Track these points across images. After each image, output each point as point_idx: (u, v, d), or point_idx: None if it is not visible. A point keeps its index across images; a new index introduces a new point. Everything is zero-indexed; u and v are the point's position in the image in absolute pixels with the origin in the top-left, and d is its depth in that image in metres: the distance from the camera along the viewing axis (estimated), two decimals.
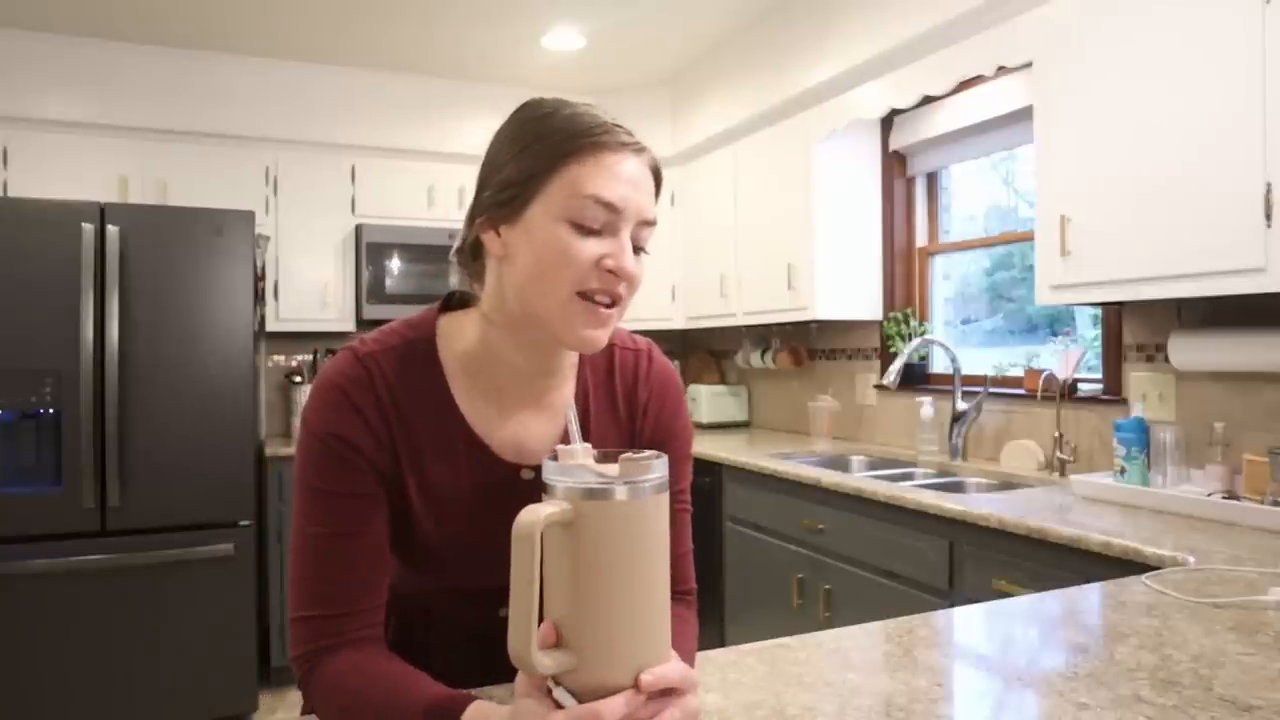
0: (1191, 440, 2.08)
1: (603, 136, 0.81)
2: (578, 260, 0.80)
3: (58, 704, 2.84)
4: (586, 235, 0.80)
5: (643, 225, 0.83)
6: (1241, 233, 1.71)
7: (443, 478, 0.90)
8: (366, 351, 0.88)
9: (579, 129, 0.82)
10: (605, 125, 0.82)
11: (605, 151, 0.81)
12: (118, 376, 2.90)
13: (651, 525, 0.68)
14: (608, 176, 0.80)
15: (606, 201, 0.80)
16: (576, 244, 0.80)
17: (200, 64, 3.69)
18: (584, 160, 0.81)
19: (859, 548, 2.36)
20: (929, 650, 1.06)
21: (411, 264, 3.86)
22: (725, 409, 4.10)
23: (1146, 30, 1.91)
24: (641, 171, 0.83)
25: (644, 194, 0.83)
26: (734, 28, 3.57)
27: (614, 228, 0.81)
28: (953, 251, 3.17)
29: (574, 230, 0.80)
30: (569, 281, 0.80)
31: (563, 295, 0.81)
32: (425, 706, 0.74)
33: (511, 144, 0.84)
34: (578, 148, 0.81)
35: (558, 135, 0.82)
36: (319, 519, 0.84)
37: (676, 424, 1.01)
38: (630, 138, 0.83)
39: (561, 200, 0.80)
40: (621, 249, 0.81)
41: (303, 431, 0.87)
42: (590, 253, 0.80)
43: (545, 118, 0.84)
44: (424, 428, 0.89)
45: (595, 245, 0.80)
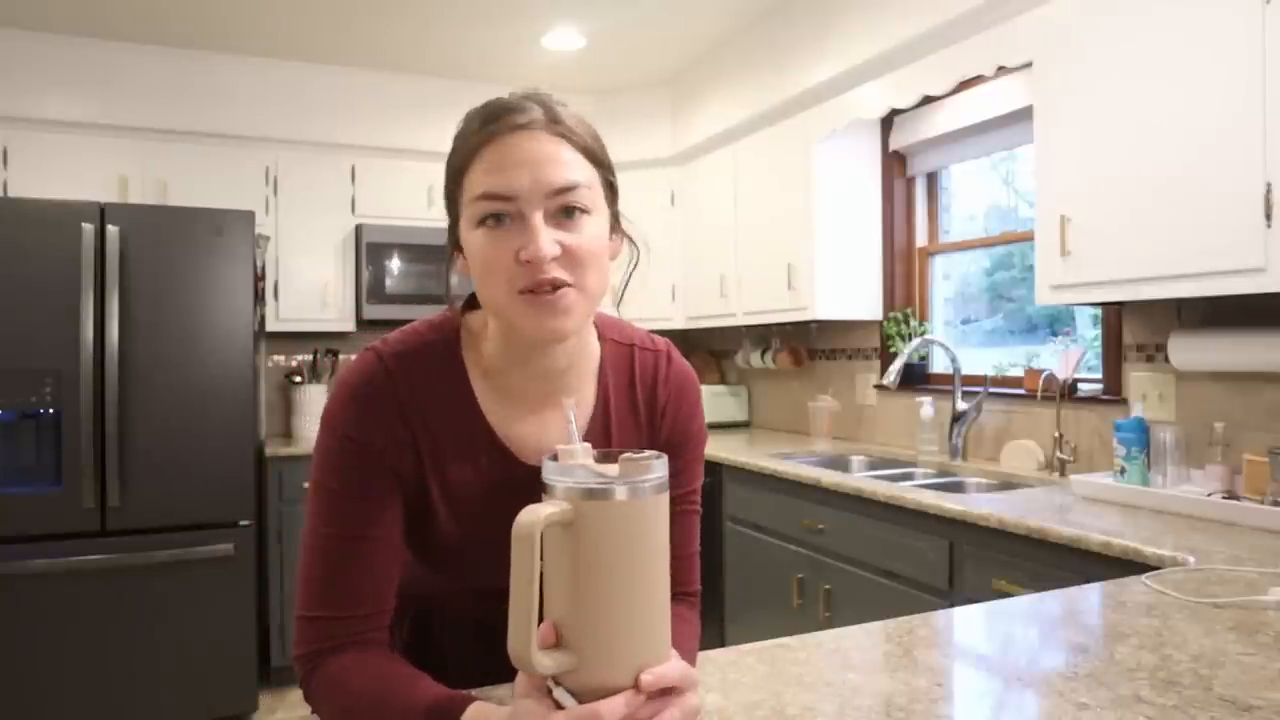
0: (1191, 440, 2.08)
1: (490, 127, 0.81)
2: (496, 262, 0.79)
3: (58, 704, 2.84)
4: (500, 233, 0.79)
5: (557, 194, 0.79)
6: (1241, 233, 1.71)
7: (464, 478, 0.89)
8: (390, 353, 0.87)
9: (468, 135, 0.82)
10: (496, 112, 0.82)
11: (486, 145, 0.81)
12: (118, 376, 2.90)
13: (651, 525, 0.68)
14: (491, 168, 0.80)
15: (492, 194, 0.79)
16: (489, 247, 0.80)
17: (200, 64, 3.69)
18: (477, 161, 0.81)
19: (859, 548, 2.36)
20: (929, 650, 1.06)
21: (411, 264, 3.86)
22: (725, 409, 4.10)
23: (1146, 30, 1.91)
24: (537, 144, 0.80)
25: (544, 165, 0.79)
26: (734, 28, 3.57)
27: (518, 215, 0.79)
28: (953, 251, 3.17)
29: (486, 233, 0.80)
30: (502, 284, 0.80)
31: (503, 295, 0.80)
32: (425, 707, 0.74)
33: (445, 166, 0.87)
34: (468, 151, 0.82)
35: (457, 149, 0.84)
36: (333, 520, 0.84)
37: (693, 425, 1.00)
38: (524, 114, 0.81)
39: (468, 209, 0.81)
40: (531, 236, 0.77)
41: (323, 432, 0.86)
42: (505, 249, 0.79)
43: (458, 130, 0.85)
44: (446, 429, 0.88)
45: (509, 240, 0.79)
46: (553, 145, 0.81)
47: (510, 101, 0.83)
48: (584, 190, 0.81)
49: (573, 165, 0.81)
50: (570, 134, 0.82)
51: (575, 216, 0.81)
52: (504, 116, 0.81)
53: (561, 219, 0.80)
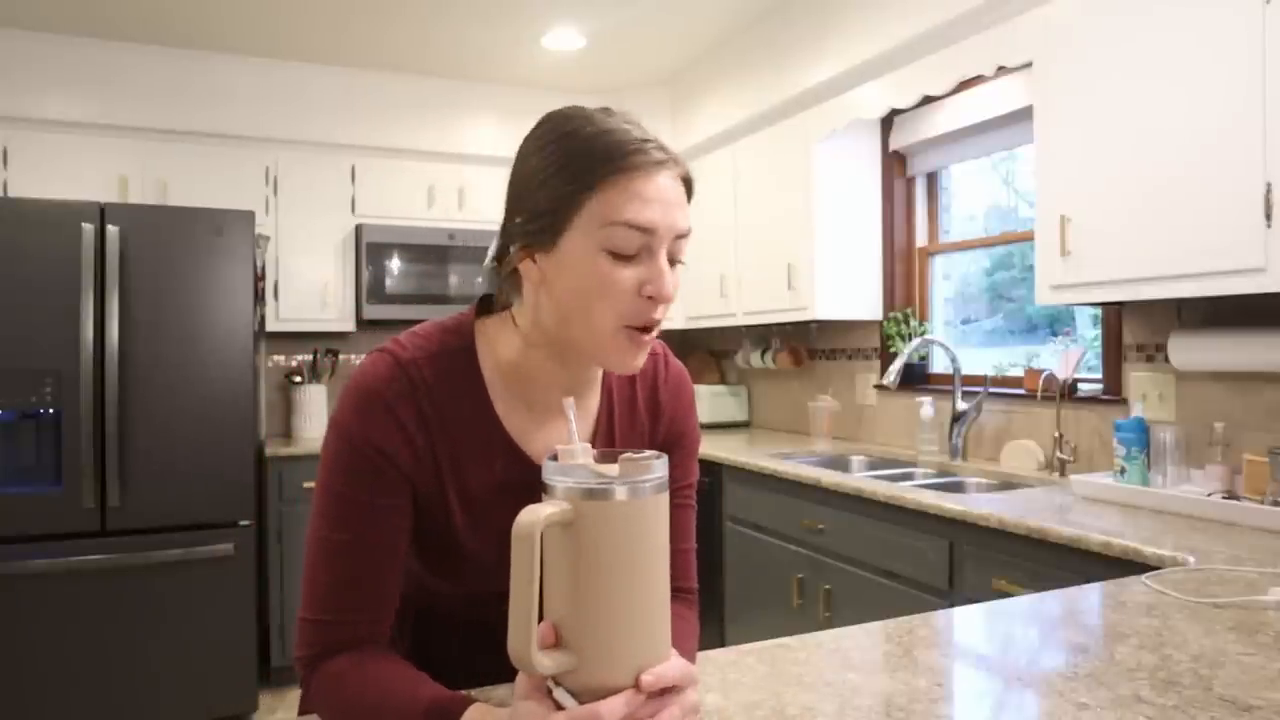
0: (1191, 440, 2.08)
1: (631, 158, 0.79)
2: (618, 290, 0.79)
3: (58, 704, 2.84)
4: (623, 262, 0.79)
5: (678, 239, 0.82)
6: (1241, 233, 1.71)
7: (479, 483, 0.89)
8: (409, 358, 0.86)
9: (605, 152, 0.79)
10: (633, 143, 0.80)
11: (635, 174, 0.79)
12: (118, 376, 2.90)
13: (651, 525, 0.68)
14: (639, 201, 0.78)
15: (640, 226, 0.78)
16: (615, 274, 0.79)
17: (200, 64, 3.69)
18: (613, 186, 0.78)
19: (859, 548, 2.36)
20: (929, 650, 1.06)
21: (411, 264, 3.86)
22: (725, 409, 4.10)
23: (1147, 30, 1.91)
24: (673, 186, 0.81)
25: (676, 208, 0.81)
26: (734, 28, 3.57)
27: (650, 250, 0.79)
28: (953, 251, 3.17)
29: (611, 259, 0.79)
30: (612, 313, 0.80)
31: (606, 326, 0.80)
32: (424, 707, 0.74)
33: (539, 168, 0.82)
34: (606, 174, 0.78)
35: (586, 160, 0.79)
36: (340, 524, 0.84)
37: (688, 423, 1.03)
38: (661, 153, 0.81)
39: (595, 229, 0.78)
40: (660, 273, 0.79)
41: (335, 436, 0.85)
42: (629, 281, 0.79)
43: (570, 138, 0.81)
44: (462, 434, 0.88)
45: (633, 273, 0.79)
46: (680, 189, 0.83)
47: (646, 134, 0.82)
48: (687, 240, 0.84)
49: (688, 214, 0.84)
50: (687, 180, 0.84)
51: (678, 262, 0.83)
52: (649, 150, 0.80)
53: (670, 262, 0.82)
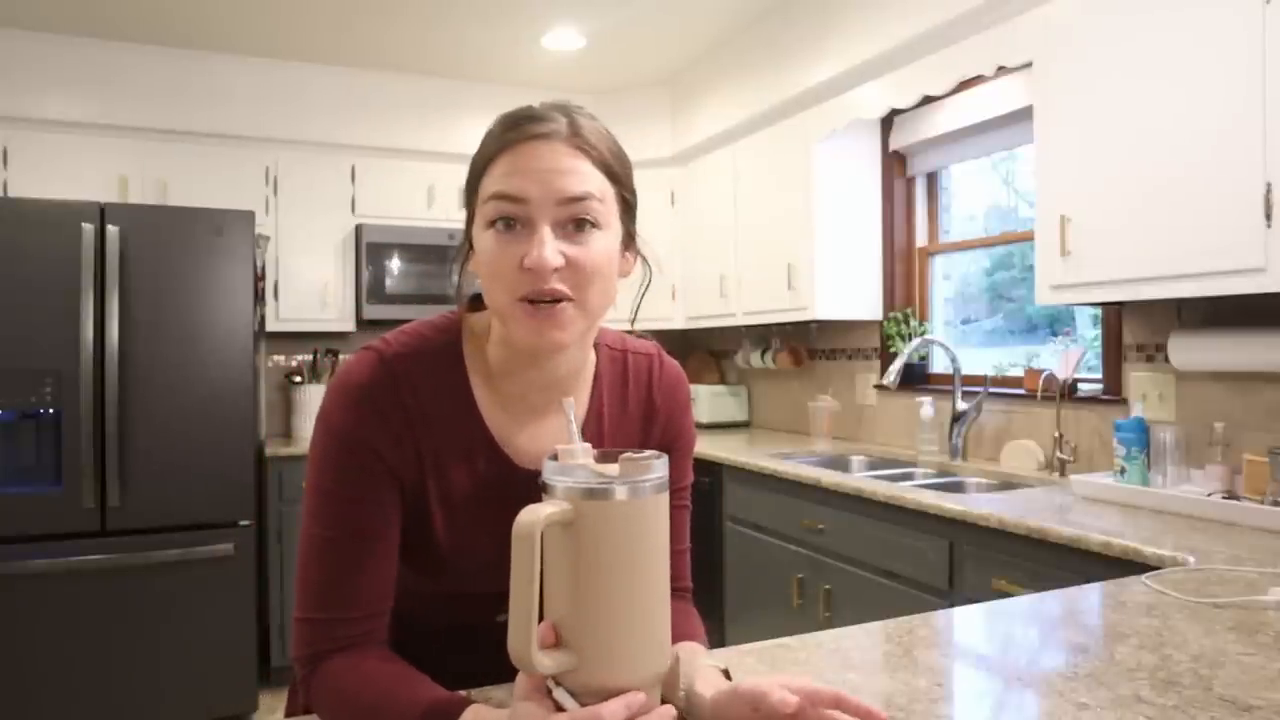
0: (1191, 440, 2.08)
1: (511, 133, 0.81)
2: (501, 265, 0.79)
3: (58, 704, 2.84)
4: (508, 238, 0.79)
5: (566, 203, 0.79)
6: (1241, 233, 1.71)
7: (462, 482, 0.89)
8: (392, 354, 0.87)
9: (491, 140, 0.83)
10: (512, 123, 0.82)
11: (511, 148, 0.81)
12: (118, 376, 2.90)
13: (651, 525, 0.68)
14: (508, 171, 0.80)
15: (505, 195, 0.79)
16: (496, 249, 0.80)
17: (200, 64, 3.69)
18: (495, 164, 0.81)
19: (859, 548, 2.36)
20: (929, 650, 1.06)
21: (411, 264, 3.86)
22: (725, 409, 4.10)
23: (1147, 30, 1.91)
24: (555, 154, 0.80)
25: (559, 174, 0.79)
26: (733, 28, 3.57)
27: (528, 221, 0.79)
28: (953, 251, 3.17)
29: (494, 236, 0.80)
30: (505, 289, 0.80)
31: (504, 301, 0.80)
32: (423, 708, 0.74)
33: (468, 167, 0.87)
34: (490, 155, 0.82)
35: (479, 153, 0.84)
36: (331, 522, 0.84)
37: (684, 424, 1.02)
38: (547, 125, 0.81)
39: (481, 210, 0.82)
40: (537, 243, 0.77)
41: (321, 433, 0.86)
42: (511, 255, 0.79)
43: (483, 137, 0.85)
44: (445, 431, 0.88)
45: (516, 246, 0.79)
46: (570, 158, 0.81)
47: (536, 110, 0.83)
48: (594, 203, 0.81)
49: (587, 178, 0.81)
50: (589, 148, 0.82)
51: (585, 230, 0.80)
52: (526, 124, 0.81)
53: (570, 231, 0.80)
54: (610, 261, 0.84)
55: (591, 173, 0.82)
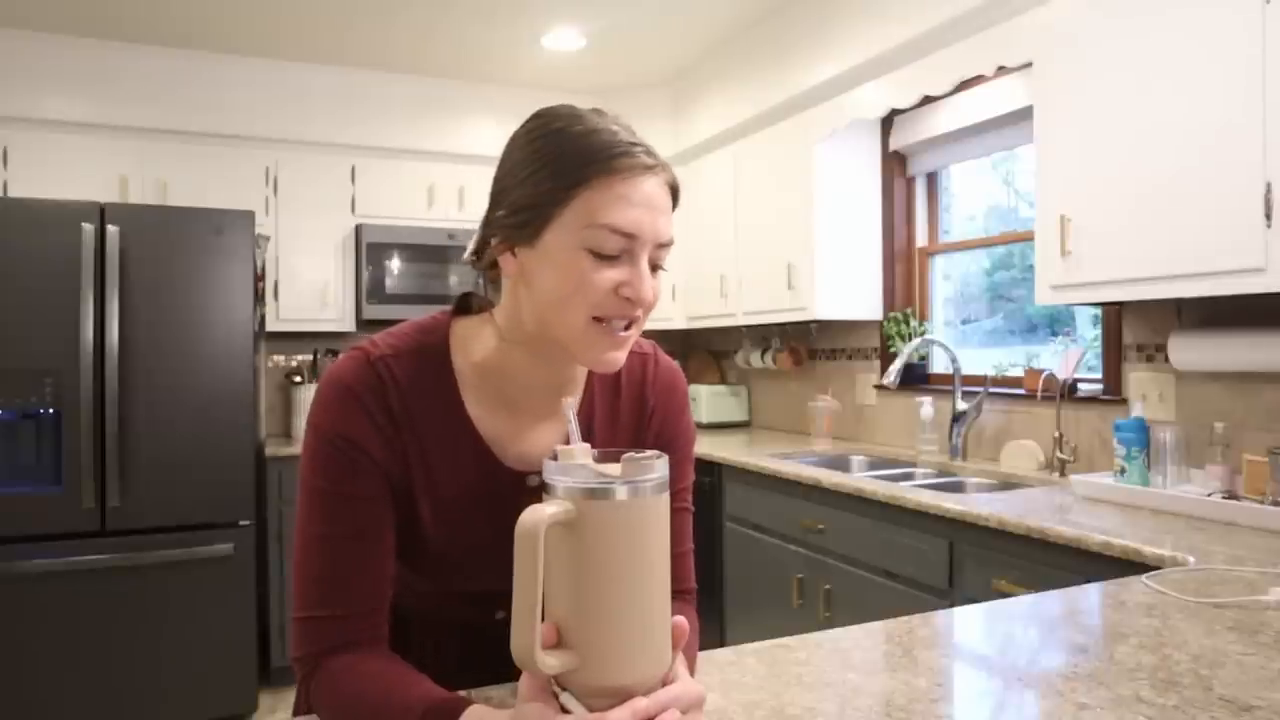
0: (1191, 440, 2.08)
1: (619, 160, 0.79)
2: (596, 289, 0.79)
3: (58, 704, 2.84)
4: (603, 262, 0.79)
5: (660, 247, 0.82)
6: (1241, 233, 1.71)
7: (450, 483, 0.89)
8: (378, 355, 0.87)
9: (593, 152, 0.79)
10: (621, 146, 0.80)
11: (621, 176, 0.79)
12: (118, 376, 2.90)
13: (652, 525, 0.68)
14: (623, 204, 0.78)
15: (623, 231, 0.78)
16: (594, 273, 0.79)
17: (200, 64, 3.69)
18: (599, 186, 0.78)
19: (859, 548, 2.36)
20: (929, 650, 1.06)
21: (411, 264, 3.86)
22: (725, 409, 4.10)
23: (1146, 30, 1.91)
24: (659, 191, 0.81)
25: (661, 215, 0.81)
26: (734, 27, 3.57)
27: (631, 254, 0.80)
28: (953, 251, 3.17)
29: (591, 258, 0.79)
30: (587, 308, 0.80)
31: (580, 321, 0.80)
32: (424, 709, 0.74)
33: (525, 163, 0.82)
34: (593, 174, 0.78)
35: (572, 159, 0.79)
36: (324, 520, 0.84)
37: (681, 424, 1.01)
38: (649, 157, 0.81)
39: (578, 228, 0.79)
40: (639, 277, 0.80)
41: (310, 433, 0.86)
42: (608, 281, 0.79)
43: (558, 135, 0.81)
44: (433, 433, 0.88)
45: (612, 273, 0.79)
46: (666, 196, 0.83)
47: (635, 138, 0.82)
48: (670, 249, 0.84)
49: (671, 219, 0.84)
50: (673, 187, 0.84)
51: (659, 268, 0.84)
52: (637, 154, 0.80)
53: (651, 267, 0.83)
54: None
55: (671, 211, 0.84)
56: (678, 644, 0.71)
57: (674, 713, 0.67)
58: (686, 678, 0.71)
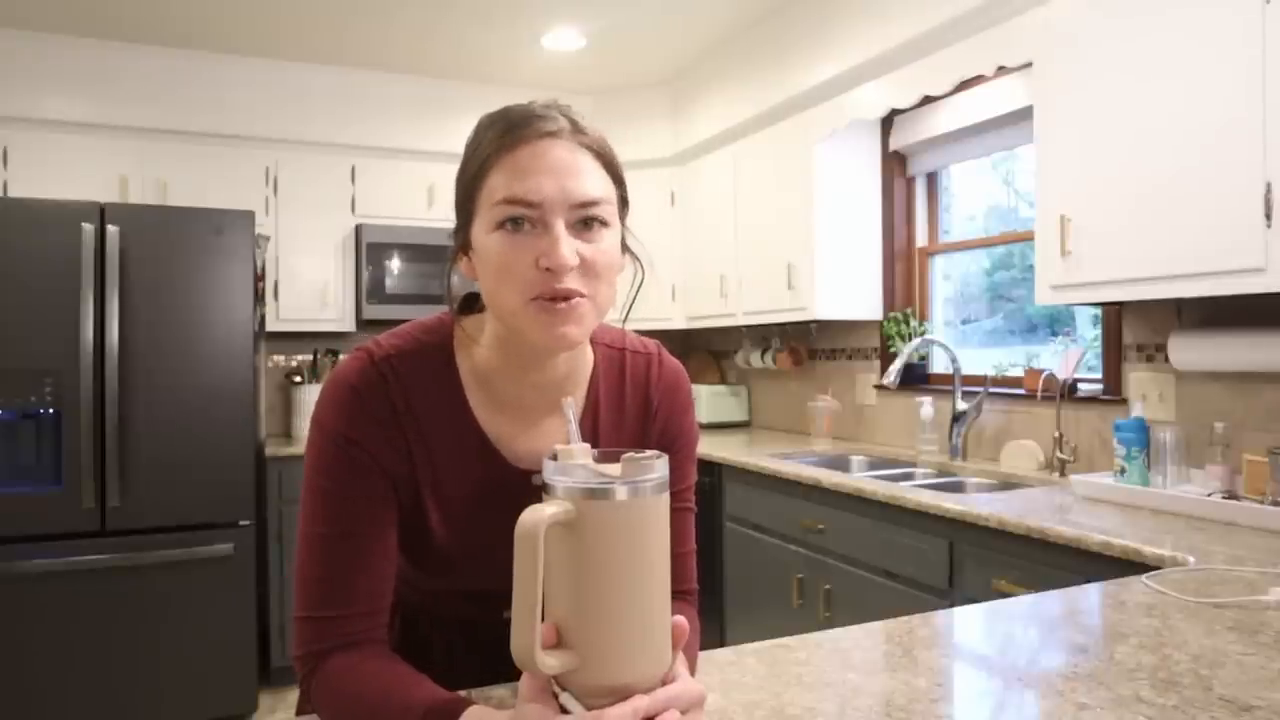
0: (1191, 440, 2.08)
1: (516, 133, 0.79)
2: (514, 267, 0.78)
3: (58, 704, 2.84)
4: (519, 238, 0.79)
5: (581, 207, 0.79)
6: (1241, 233, 1.71)
7: (455, 481, 0.89)
8: (382, 355, 0.87)
9: (494, 136, 0.81)
10: (522, 118, 0.80)
11: (518, 147, 0.79)
12: (118, 376, 2.90)
13: (652, 525, 0.68)
14: (519, 173, 0.78)
15: (518, 199, 0.78)
16: (509, 251, 0.79)
17: (200, 64, 3.69)
18: (499, 165, 0.79)
19: (859, 548, 2.36)
20: (929, 650, 1.06)
21: (412, 264, 3.86)
22: (725, 409, 4.10)
23: (1146, 30, 1.91)
24: (565, 154, 0.80)
25: (572, 176, 0.79)
26: (734, 27, 3.57)
27: (542, 222, 0.78)
28: (953, 251, 3.17)
29: (505, 236, 0.79)
30: (516, 290, 0.79)
31: (515, 302, 0.80)
32: (424, 709, 0.74)
33: (460, 166, 0.85)
34: (493, 154, 0.80)
35: (479, 149, 0.82)
36: (327, 520, 0.84)
37: (684, 424, 1.01)
38: (547, 124, 0.80)
39: (487, 212, 0.80)
40: (553, 243, 0.77)
41: (314, 432, 0.86)
42: (525, 255, 0.78)
43: (474, 134, 0.83)
44: (438, 432, 0.88)
45: (529, 246, 0.78)
46: (578, 156, 0.81)
47: (536, 109, 0.82)
48: (605, 204, 0.81)
49: (596, 178, 0.81)
50: (594, 147, 0.83)
51: (594, 228, 0.81)
52: (532, 123, 0.80)
53: (580, 230, 0.80)
54: (616, 259, 0.84)
55: (598, 172, 0.82)
56: (677, 644, 0.71)
57: (674, 712, 0.67)
58: (687, 677, 0.71)
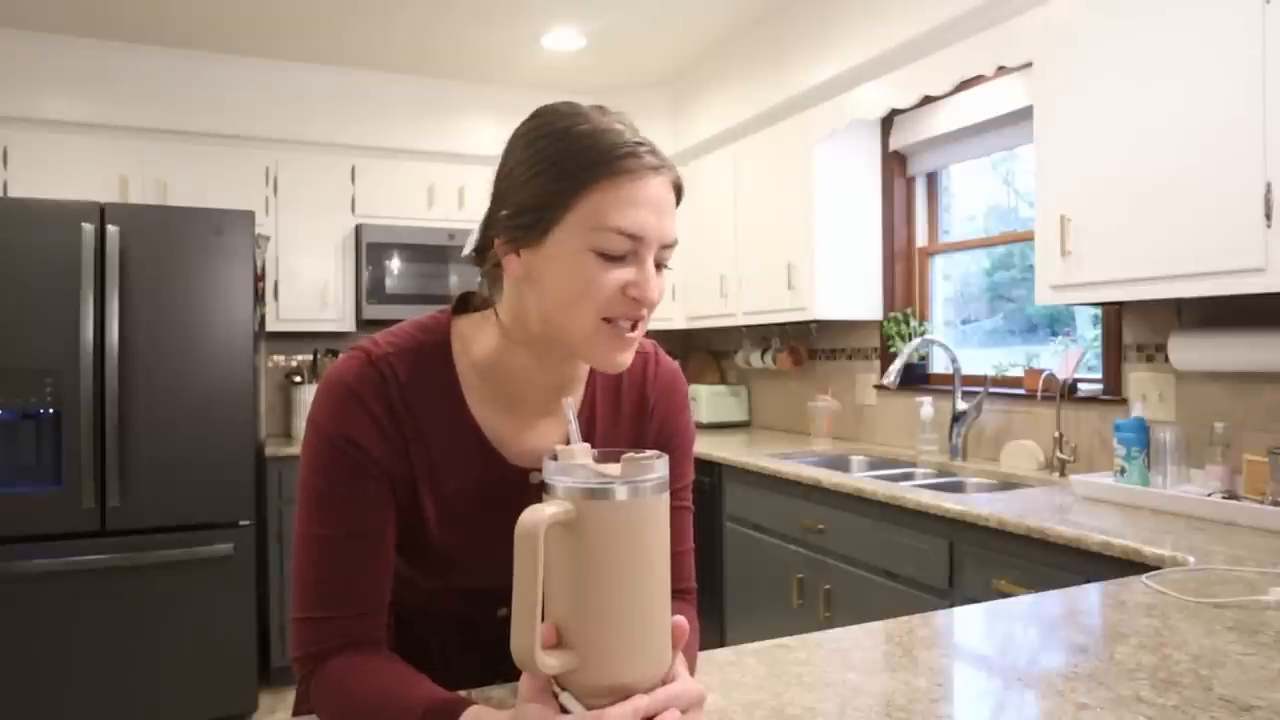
0: (1191, 440, 2.08)
1: (625, 161, 0.78)
2: (603, 290, 0.79)
3: (58, 704, 2.84)
4: (610, 263, 0.79)
5: (665, 247, 0.82)
6: (1241, 233, 1.71)
7: (453, 481, 0.89)
8: (380, 354, 0.87)
9: (599, 153, 0.79)
10: (627, 146, 0.79)
11: (627, 177, 0.78)
12: (118, 376, 2.90)
13: (652, 525, 0.68)
14: (629, 206, 0.78)
15: (630, 233, 0.78)
16: (601, 274, 0.79)
17: (200, 64, 3.69)
18: (605, 189, 0.78)
19: (859, 548, 2.36)
20: (929, 650, 1.06)
21: (411, 264, 3.86)
22: (725, 409, 4.10)
23: (1146, 30, 1.91)
24: (664, 192, 0.81)
25: (666, 216, 0.81)
26: (734, 27, 3.57)
27: (637, 255, 0.80)
28: (953, 251, 3.17)
29: (599, 260, 0.79)
30: (594, 309, 0.80)
31: (588, 321, 0.81)
32: (423, 709, 0.74)
33: (529, 163, 0.81)
34: (599, 175, 0.78)
35: (577, 160, 0.79)
36: (325, 520, 0.84)
37: (680, 423, 1.01)
38: (654, 158, 0.81)
39: (584, 230, 0.78)
40: (646, 278, 0.80)
41: (310, 432, 0.86)
42: (615, 281, 0.79)
43: (562, 135, 0.80)
44: (435, 431, 0.88)
45: (619, 273, 0.79)
46: (670, 196, 0.83)
47: (639, 137, 0.81)
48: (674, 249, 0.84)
49: (674, 220, 0.84)
50: (677, 186, 0.84)
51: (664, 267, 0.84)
52: (637, 152, 0.80)
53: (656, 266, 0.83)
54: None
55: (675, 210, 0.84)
56: (677, 644, 0.71)
57: (674, 712, 0.67)
58: (686, 677, 0.71)
